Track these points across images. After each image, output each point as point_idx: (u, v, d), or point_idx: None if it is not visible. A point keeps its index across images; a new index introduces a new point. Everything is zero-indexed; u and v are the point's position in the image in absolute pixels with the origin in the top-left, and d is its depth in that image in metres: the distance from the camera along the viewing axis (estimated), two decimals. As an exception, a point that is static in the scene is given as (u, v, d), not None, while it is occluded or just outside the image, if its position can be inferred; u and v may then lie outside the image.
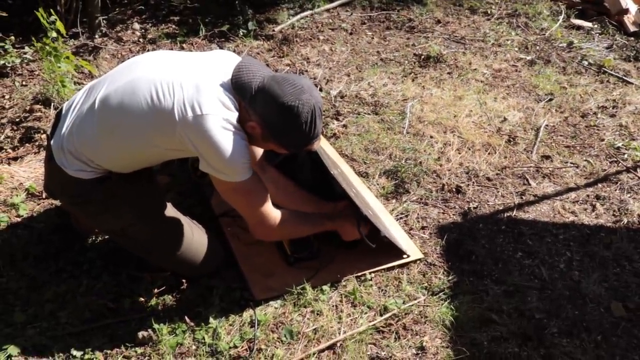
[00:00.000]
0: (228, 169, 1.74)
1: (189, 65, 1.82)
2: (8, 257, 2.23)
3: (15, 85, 3.50)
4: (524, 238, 2.45)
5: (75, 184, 1.89)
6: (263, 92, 1.72)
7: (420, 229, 2.46)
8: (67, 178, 1.88)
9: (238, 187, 1.79)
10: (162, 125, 1.73)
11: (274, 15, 4.76)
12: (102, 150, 1.84)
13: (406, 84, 3.73)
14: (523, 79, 3.92)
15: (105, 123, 1.81)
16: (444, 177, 2.79)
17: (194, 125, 1.68)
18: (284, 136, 1.79)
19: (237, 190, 1.80)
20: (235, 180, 1.76)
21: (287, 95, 1.70)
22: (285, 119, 1.72)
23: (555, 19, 5.03)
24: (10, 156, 2.88)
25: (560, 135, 3.24)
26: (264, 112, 1.73)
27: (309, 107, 1.72)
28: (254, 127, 1.76)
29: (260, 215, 1.88)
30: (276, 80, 1.73)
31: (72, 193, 1.95)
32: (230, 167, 1.73)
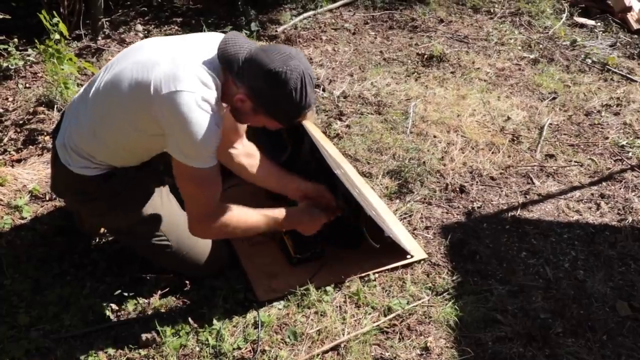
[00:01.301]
0: (193, 152, 1.67)
1: (173, 45, 1.78)
2: (12, 259, 2.23)
3: (19, 88, 3.51)
4: (528, 237, 2.44)
5: (81, 182, 1.91)
6: (250, 62, 1.65)
7: (424, 229, 2.45)
8: (72, 176, 1.90)
9: (195, 174, 1.71)
10: (140, 104, 1.69)
11: (277, 15, 4.76)
12: (97, 143, 1.85)
13: (409, 83, 3.72)
14: (526, 77, 3.91)
15: (96, 114, 1.83)
16: (447, 177, 2.78)
17: (168, 100, 1.62)
18: (274, 106, 1.69)
19: (193, 177, 1.72)
20: (196, 166, 1.69)
21: (275, 62, 1.62)
22: (274, 87, 1.63)
23: (558, 17, 5.01)
24: (13, 158, 2.89)
25: (564, 134, 3.23)
26: (252, 82, 1.66)
27: (298, 73, 1.63)
28: (243, 99, 1.69)
29: (204, 210, 1.80)
30: (263, 50, 1.67)
31: (78, 191, 1.96)
32: (196, 150, 1.67)
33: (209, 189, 1.77)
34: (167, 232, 2.03)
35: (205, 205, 1.78)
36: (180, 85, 1.62)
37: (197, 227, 1.83)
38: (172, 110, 1.62)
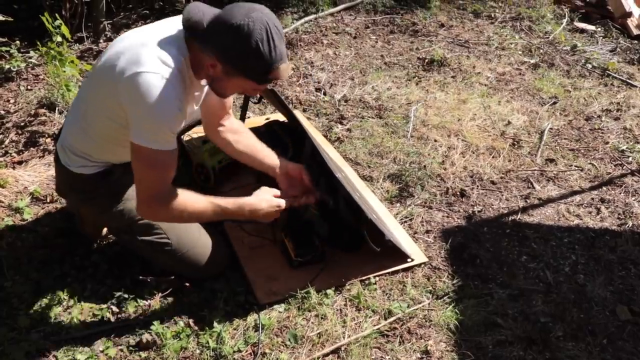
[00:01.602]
0: (149, 133, 1.65)
1: (147, 30, 1.77)
2: (12, 260, 2.23)
3: (21, 90, 3.51)
4: (528, 241, 2.44)
5: (81, 181, 1.93)
6: (213, 23, 1.62)
7: (424, 233, 2.45)
8: (72, 176, 1.93)
9: (150, 156, 1.67)
10: (109, 91, 1.70)
11: (278, 19, 4.77)
12: (86, 139, 1.87)
13: (410, 87, 3.73)
14: (527, 82, 3.92)
15: (81, 109, 1.86)
16: (448, 181, 2.78)
17: (129, 82, 1.61)
18: (242, 62, 1.61)
19: (148, 158, 1.69)
20: (151, 146, 1.65)
21: (236, 16, 1.57)
22: (237, 41, 1.57)
23: (558, 22, 5.03)
24: (15, 160, 2.89)
25: (565, 139, 3.24)
26: (217, 42, 1.61)
27: (261, 23, 1.58)
28: (213, 64, 1.64)
29: (154, 192, 1.75)
30: (224, 9, 1.64)
31: (79, 190, 1.99)
32: (153, 131, 1.65)
33: (161, 172, 1.73)
34: (166, 229, 2.04)
35: (156, 188, 1.74)
36: (141, 67, 1.61)
37: (145, 208, 1.79)
38: (132, 92, 1.62)
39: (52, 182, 2.67)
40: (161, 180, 1.74)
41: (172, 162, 1.74)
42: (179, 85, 1.66)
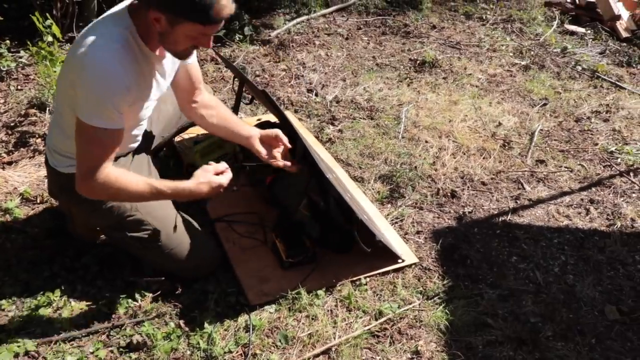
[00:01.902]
0: (89, 108, 1.66)
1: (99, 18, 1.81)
2: (2, 262, 2.22)
3: (11, 90, 3.49)
4: (518, 242, 2.45)
5: (70, 181, 1.91)
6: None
7: (415, 234, 2.46)
8: (61, 177, 1.94)
9: (89, 131, 1.68)
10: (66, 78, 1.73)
11: (270, 20, 4.78)
12: (63, 136, 1.88)
13: (402, 89, 3.74)
14: (518, 84, 3.94)
15: (57, 109, 1.89)
16: (439, 182, 2.79)
17: (76, 62, 1.65)
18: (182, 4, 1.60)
19: (87, 133, 1.69)
20: (92, 123, 1.66)
21: None
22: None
23: (549, 25, 5.07)
24: (4, 160, 2.87)
25: (555, 140, 3.26)
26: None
27: None
28: (157, 18, 1.62)
29: (91, 168, 1.73)
30: None
31: (69, 190, 1.97)
32: (92, 106, 1.66)
33: (101, 149, 1.73)
34: (156, 224, 2.03)
35: (93, 164, 1.73)
36: (85, 48, 1.64)
37: (81, 184, 1.78)
38: (78, 72, 1.65)
39: (42, 182, 2.66)
40: (100, 157, 1.73)
41: (113, 141, 1.74)
42: (124, 60, 1.67)
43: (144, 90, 1.82)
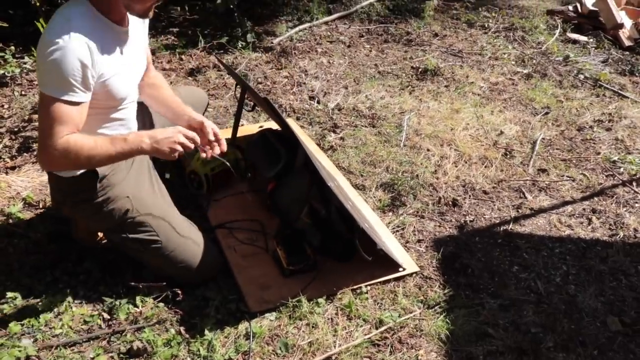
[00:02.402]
0: (44, 78, 1.70)
1: None
2: (4, 266, 2.22)
3: (15, 95, 3.51)
4: (520, 251, 2.45)
5: (71, 184, 1.96)
6: None
7: (416, 242, 2.46)
8: (63, 181, 1.96)
9: (45, 101, 1.71)
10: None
11: (273, 27, 4.79)
12: None
13: (403, 97, 3.75)
14: (520, 92, 3.95)
15: None
16: (440, 191, 2.79)
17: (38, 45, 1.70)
18: None
19: (44, 103, 1.72)
20: (46, 92, 1.70)
21: None
22: None
23: (551, 33, 5.07)
24: (8, 165, 2.88)
25: (557, 149, 3.26)
26: None
27: None
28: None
29: (47, 138, 1.74)
30: None
31: (71, 194, 2.01)
32: (46, 76, 1.70)
33: (54, 119, 1.72)
34: (156, 227, 2.05)
35: (49, 133, 1.73)
36: (45, 30, 1.71)
37: (41, 154, 1.79)
38: (37, 50, 1.70)
39: (45, 187, 2.67)
40: (56, 127, 1.73)
41: (70, 114, 1.73)
42: (77, 33, 1.69)
43: (108, 62, 1.81)
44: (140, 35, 2.05)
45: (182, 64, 4.12)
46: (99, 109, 1.87)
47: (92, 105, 1.81)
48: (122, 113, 1.99)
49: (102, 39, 1.77)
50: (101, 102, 1.86)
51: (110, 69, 1.81)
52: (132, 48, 1.96)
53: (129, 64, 1.94)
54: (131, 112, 2.06)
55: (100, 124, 1.93)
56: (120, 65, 1.87)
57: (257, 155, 2.52)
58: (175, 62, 4.13)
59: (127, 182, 2.05)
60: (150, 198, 2.10)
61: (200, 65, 4.07)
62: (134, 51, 1.98)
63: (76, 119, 1.75)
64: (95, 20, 1.77)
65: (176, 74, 3.95)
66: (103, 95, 1.84)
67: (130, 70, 1.96)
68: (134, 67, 1.99)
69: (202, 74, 3.97)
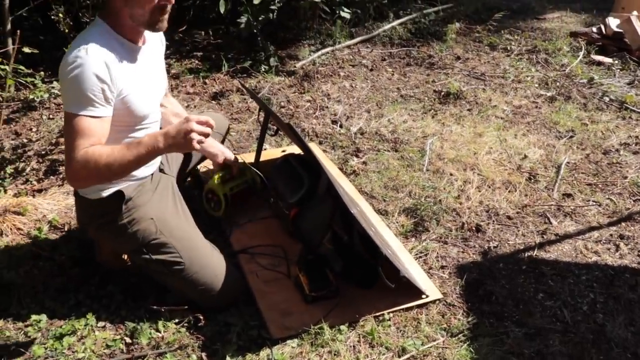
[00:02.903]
0: (64, 96, 1.78)
1: None
2: (30, 288, 2.25)
3: (43, 119, 3.58)
4: (545, 278, 2.41)
5: (98, 206, 2.01)
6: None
7: (439, 269, 2.43)
8: (90, 203, 2.02)
9: (67, 117, 1.77)
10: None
11: (296, 51, 4.84)
12: None
13: (426, 120, 3.75)
14: (543, 115, 3.91)
15: None
16: (463, 216, 2.77)
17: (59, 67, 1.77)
18: None
19: (66, 120, 1.79)
20: (70, 110, 1.76)
21: None
22: None
23: (575, 55, 5.03)
24: (34, 188, 2.93)
25: (582, 173, 3.22)
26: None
27: None
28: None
29: (70, 153, 1.78)
30: None
31: (97, 216, 2.05)
32: (66, 93, 1.77)
33: (77, 133, 1.76)
34: (179, 248, 2.06)
35: (72, 147, 1.78)
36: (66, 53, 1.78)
37: (66, 169, 1.84)
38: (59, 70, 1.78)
39: (70, 210, 2.70)
40: (77, 142, 1.77)
41: (91, 127, 1.78)
42: (93, 51, 1.75)
43: (126, 79, 1.86)
44: (159, 57, 2.12)
45: (205, 87, 4.17)
46: (120, 126, 1.91)
47: (114, 122, 1.85)
48: (144, 133, 2.02)
49: (120, 57, 1.84)
50: (123, 119, 1.90)
51: (129, 86, 1.86)
52: (151, 67, 2.03)
53: (148, 82, 1.99)
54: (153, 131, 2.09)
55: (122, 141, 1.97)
56: (139, 83, 1.92)
57: (280, 180, 2.53)
58: (199, 86, 4.19)
59: (151, 204, 2.08)
60: (174, 220, 2.12)
61: (223, 89, 4.12)
62: (153, 70, 2.04)
63: (98, 133, 1.79)
64: (113, 40, 1.84)
65: (200, 98, 4.00)
66: (124, 112, 1.89)
67: (150, 88, 2.01)
68: (153, 85, 2.04)
69: (225, 98, 4.01)
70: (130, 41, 1.90)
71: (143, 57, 1.97)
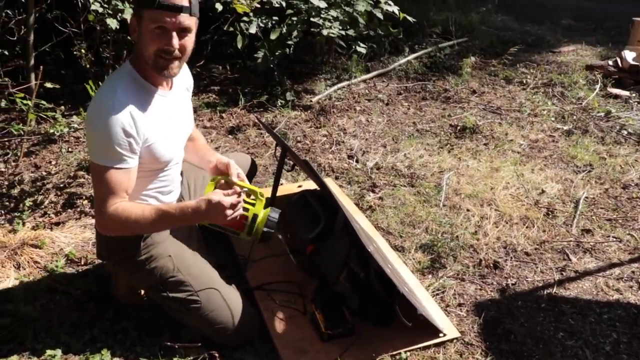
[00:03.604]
0: (91, 147, 1.82)
1: None
2: (46, 322, 2.25)
3: (62, 152, 3.63)
4: (565, 317, 2.36)
5: (118, 241, 2.00)
6: None
7: (457, 306, 2.40)
8: (111, 239, 2.00)
9: (94, 168, 1.82)
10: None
11: (312, 85, 4.89)
12: None
13: (442, 155, 3.74)
14: (561, 149, 3.89)
15: None
16: (481, 252, 2.74)
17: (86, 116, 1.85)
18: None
19: (94, 171, 1.83)
20: (94, 160, 1.80)
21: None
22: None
23: (591, 88, 5.02)
24: (52, 221, 2.96)
25: (601, 208, 3.18)
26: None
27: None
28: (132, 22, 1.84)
29: (100, 204, 1.84)
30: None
31: (117, 251, 2.05)
32: (93, 145, 1.81)
33: (106, 186, 1.81)
34: (197, 287, 2.06)
35: (102, 200, 1.83)
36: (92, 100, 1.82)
37: (97, 219, 1.90)
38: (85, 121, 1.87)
39: (87, 244, 2.72)
40: (106, 193, 1.82)
41: (119, 180, 1.82)
42: (119, 101, 1.78)
43: (152, 127, 1.88)
44: (185, 99, 2.13)
45: (222, 122, 4.22)
46: (144, 171, 1.94)
47: (138, 168, 1.88)
48: (166, 174, 2.05)
49: (146, 104, 1.86)
50: (146, 165, 1.92)
51: (154, 134, 1.88)
52: (176, 111, 2.03)
53: (173, 127, 2.00)
54: (176, 172, 2.12)
55: (145, 185, 2.00)
56: (163, 129, 1.94)
57: (297, 216, 2.52)
58: (216, 120, 4.23)
59: (169, 241, 2.08)
60: (191, 257, 2.12)
61: (240, 124, 4.16)
62: (178, 114, 2.05)
63: (125, 184, 1.84)
64: (139, 87, 1.87)
65: (217, 132, 4.05)
66: (148, 159, 1.91)
67: (174, 133, 2.02)
68: (178, 130, 2.05)
69: (242, 132, 4.05)
70: (156, 86, 1.93)
71: (168, 102, 1.99)
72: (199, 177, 2.40)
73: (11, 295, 2.38)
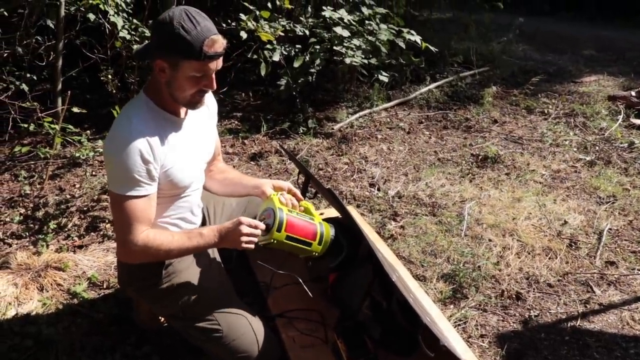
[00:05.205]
0: (111, 177, 1.82)
1: None
2: (68, 346, 2.27)
3: (86, 175, 3.69)
4: (590, 350, 2.33)
5: (140, 269, 2.00)
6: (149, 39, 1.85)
7: (479, 337, 2.37)
8: (131, 265, 2.00)
9: (115, 199, 1.81)
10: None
11: (334, 113, 4.93)
12: None
13: (464, 184, 3.74)
14: (583, 180, 3.86)
15: None
16: (503, 283, 2.72)
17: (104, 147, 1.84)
18: (176, 44, 1.73)
19: (114, 201, 1.82)
20: (114, 190, 1.80)
21: (159, 17, 1.77)
22: (165, 30, 1.72)
23: (614, 119, 5.00)
24: (75, 244, 2.99)
25: (625, 240, 3.14)
26: (154, 44, 1.78)
27: (179, 10, 1.74)
28: (161, 67, 1.78)
29: (124, 234, 1.84)
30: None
31: (139, 279, 2.05)
32: (112, 175, 1.80)
33: (128, 215, 1.81)
34: (218, 316, 2.05)
35: (125, 230, 1.82)
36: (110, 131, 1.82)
37: (121, 250, 1.89)
38: (104, 151, 1.83)
39: (109, 267, 2.75)
40: (127, 222, 1.82)
41: (141, 207, 1.83)
42: (136, 130, 1.79)
43: (169, 154, 1.89)
44: (204, 124, 2.12)
45: (244, 148, 4.26)
46: (164, 197, 1.95)
47: (157, 194, 1.89)
48: (186, 199, 2.06)
49: (162, 132, 1.87)
50: (166, 192, 1.94)
51: (171, 160, 1.89)
52: (194, 136, 2.03)
53: (191, 153, 2.01)
54: (195, 198, 2.13)
55: (165, 210, 2.00)
56: (181, 155, 1.95)
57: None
58: (238, 147, 4.28)
59: (191, 270, 2.08)
60: (213, 286, 2.11)
61: (262, 150, 4.20)
62: (196, 139, 2.05)
63: (147, 211, 1.85)
64: (155, 115, 1.87)
65: (239, 158, 4.08)
66: (167, 185, 1.92)
67: (193, 158, 2.03)
68: (196, 155, 2.06)
69: (264, 159, 4.08)
70: (172, 114, 1.94)
71: (186, 128, 2.00)
72: (219, 203, 2.41)
73: (34, 317, 2.41)
